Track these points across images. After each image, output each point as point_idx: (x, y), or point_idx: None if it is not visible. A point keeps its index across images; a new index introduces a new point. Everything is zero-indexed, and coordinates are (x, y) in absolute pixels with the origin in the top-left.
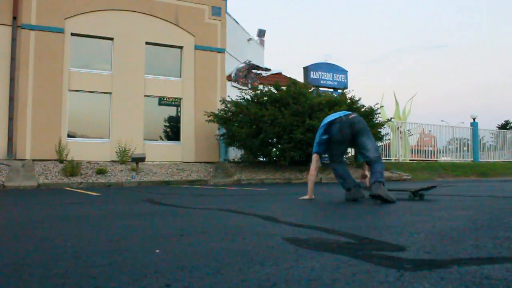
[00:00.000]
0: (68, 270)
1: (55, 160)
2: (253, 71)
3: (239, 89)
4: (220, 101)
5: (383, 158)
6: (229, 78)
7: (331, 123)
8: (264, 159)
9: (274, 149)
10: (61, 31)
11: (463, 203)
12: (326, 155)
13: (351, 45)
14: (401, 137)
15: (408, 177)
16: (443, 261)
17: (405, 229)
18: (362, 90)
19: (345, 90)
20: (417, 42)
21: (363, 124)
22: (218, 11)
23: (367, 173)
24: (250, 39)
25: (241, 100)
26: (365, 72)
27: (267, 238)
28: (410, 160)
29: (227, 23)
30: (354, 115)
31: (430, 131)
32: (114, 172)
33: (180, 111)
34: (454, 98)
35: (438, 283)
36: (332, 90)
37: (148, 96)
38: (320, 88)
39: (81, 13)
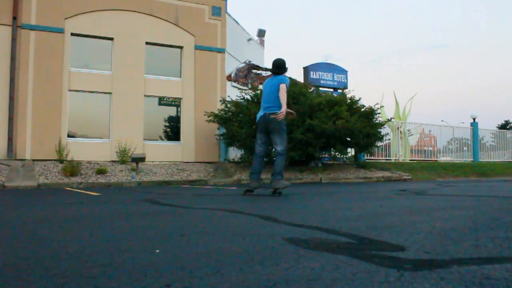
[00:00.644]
0: (68, 270)
1: (55, 160)
2: (253, 71)
3: (239, 89)
4: (220, 101)
5: (383, 158)
6: (229, 78)
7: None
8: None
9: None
10: (61, 31)
11: (463, 203)
12: (326, 155)
13: (351, 45)
14: (401, 137)
15: (408, 177)
16: (443, 261)
17: (405, 229)
18: (362, 90)
19: (345, 90)
20: (417, 42)
21: (277, 125)
22: (218, 11)
23: None
24: (250, 39)
25: (241, 100)
26: (365, 72)
27: (267, 238)
28: (410, 160)
29: (227, 23)
30: (273, 116)
31: (430, 131)
32: (114, 172)
33: (180, 111)
34: (454, 98)
35: (438, 283)
36: (332, 90)
37: (148, 96)
38: (320, 88)
39: (81, 13)
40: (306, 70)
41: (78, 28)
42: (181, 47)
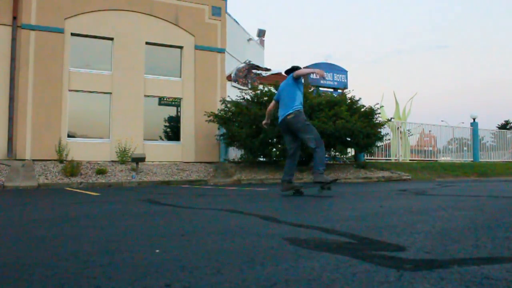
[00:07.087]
0: (68, 270)
1: (55, 160)
2: (253, 71)
3: (239, 89)
4: (220, 101)
5: (383, 158)
6: (229, 78)
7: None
8: (264, 159)
9: (274, 149)
10: (61, 31)
11: (463, 203)
12: (326, 155)
13: (351, 45)
14: (401, 137)
15: (408, 177)
16: (443, 261)
17: (405, 229)
18: (362, 90)
19: (345, 90)
20: (417, 42)
21: (297, 125)
22: (218, 11)
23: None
24: (250, 39)
25: (241, 100)
26: (365, 72)
27: (267, 238)
28: (410, 160)
29: (227, 23)
30: (291, 116)
31: (430, 131)
32: (114, 172)
33: (180, 111)
34: (454, 98)
35: (438, 283)
36: (332, 90)
37: (148, 96)
38: (320, 88)
39: (81, 13)
40: None
41: (78, 28)
42: (181, 47)
